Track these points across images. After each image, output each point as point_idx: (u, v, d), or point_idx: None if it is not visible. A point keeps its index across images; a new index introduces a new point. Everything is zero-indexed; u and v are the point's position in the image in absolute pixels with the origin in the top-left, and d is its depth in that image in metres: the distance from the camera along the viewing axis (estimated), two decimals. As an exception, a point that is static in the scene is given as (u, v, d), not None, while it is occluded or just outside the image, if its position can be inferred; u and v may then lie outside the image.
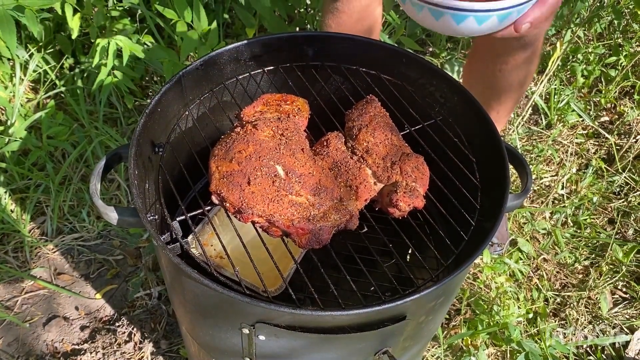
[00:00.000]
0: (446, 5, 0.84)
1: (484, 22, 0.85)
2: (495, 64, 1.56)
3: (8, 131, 1.92)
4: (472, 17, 0.84)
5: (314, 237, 0.92)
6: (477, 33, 0.88)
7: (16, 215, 1.84)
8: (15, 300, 1.70)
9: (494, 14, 0.83)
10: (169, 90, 1.13)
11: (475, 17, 0.84)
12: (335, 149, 1.03)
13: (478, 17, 0.84)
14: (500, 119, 1.70)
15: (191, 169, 1.13)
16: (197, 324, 1.13)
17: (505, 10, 0.83)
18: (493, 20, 0.85)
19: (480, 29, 0.86)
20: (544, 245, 1.91)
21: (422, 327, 1.07)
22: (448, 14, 0.85)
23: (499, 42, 1.50)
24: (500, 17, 0.85)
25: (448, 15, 0.85)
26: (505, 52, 1.52)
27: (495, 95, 1.62)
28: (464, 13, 0.84)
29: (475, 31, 0.87)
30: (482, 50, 1.63)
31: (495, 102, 1.64)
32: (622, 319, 1.76)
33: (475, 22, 0.85)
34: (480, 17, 0.84)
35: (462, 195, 1.04)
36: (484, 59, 1.61)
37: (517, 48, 1.50)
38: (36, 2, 1.66)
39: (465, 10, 0.83)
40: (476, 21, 0.84)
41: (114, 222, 1.01)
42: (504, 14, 0.84)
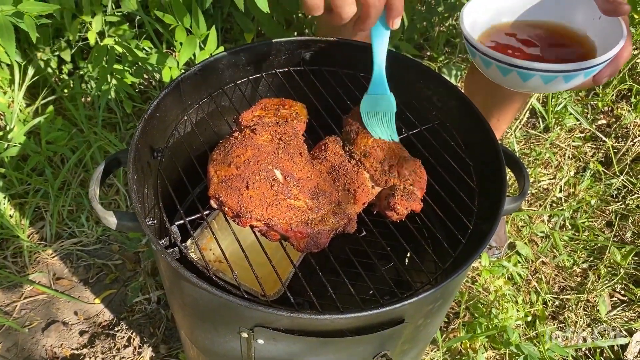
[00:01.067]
0: (513, 63, 0.87)
1: (550, 81, 0.88)
2: None
3: (7, 136, 1.93)
4: (538, 76, 0.87)
5: (312, 240, 0.92)
6: (546, 90, 0.92)
7: (15, 220, 1.84)
8: (14, 305, 1.70)
9: (559, 75, 0.86)
10: (167, 95, 1.14)
11: (541, 77, 0.87)
12: (333, 153, 1.04)
13: (544, 77, 0.87)
14: (500, 127, 1.71)
15: (190, 174, 1.14)
16: (196, 328, 1.13)
17: (572, 72, 0.86)
18: (559, 80, 0.88)
19: (546, 87, 0.90)
20: (542, 248, 1.92)
21: (421, 330, 1.08)
22: (514, 72, 0.88)
23: None
24: (566, 78, 0.87)
25: (514, 72, 0.88)
26: None
27: (496, 104, 1.63)
28: (530, 72, 0.87)
29: (543, 88, 0.90)
30: None
31: (497, 110, 1.65)
32: (620, 321, 1.76)
33: (541, 81, 0.88)
34: (546, 77, 0.87)
35: (460, 199, 1.05)
36: None
37: None
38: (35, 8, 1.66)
39: (531, 70, 0.86)
40: (542, 80, 0.87)
41: (113, 226, 1.01)
42: (569, 75, 0.87)
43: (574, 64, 0.86)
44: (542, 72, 0.86)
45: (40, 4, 1.69)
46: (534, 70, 0.87)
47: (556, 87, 0.91)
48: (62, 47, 2.09)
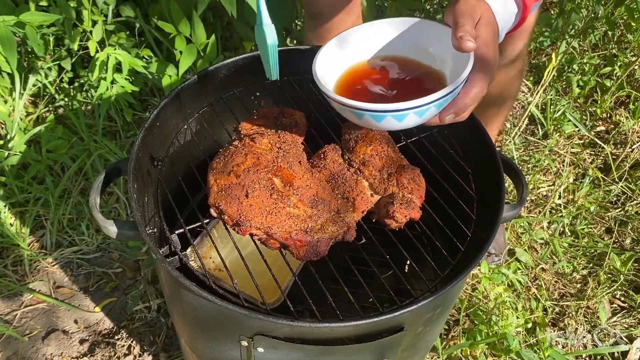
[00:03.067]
0: (363, 108, 0.86)
1: (403, 119, 0.86)
2: None
3: (8, 145, 1.93)
4: (389, 116, 0.86)
5: (312, 249, 0.92)
6: (400, 128, 0.89)
7: (15, 228, 1.84)
8: (14, 314, 1.70)
9: (410, 112, 0.84)
10: (167, 104, 1.14)
11: (393, 116, 0.85)
12: (332, 161, 1.04)
13: (395, 116, 0.85)
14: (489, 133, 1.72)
15: (190, 182, 1.14)
16: (196, 336, 1.13)
17: (422, 107, 0.84)
18: (411, 117, 0.85)
19: (401, 125, 0.88)
20: (542, 255, 1.92)
21: (421, 337, 1.08)
22: (367, 115, 0.87)
23: None
24: (418, 114, 0.85)
25: (367, 115, 0.87)
26: None
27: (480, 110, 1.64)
28: (382, 114, 0.86)
29: (397, 127, 0.88)
30: None
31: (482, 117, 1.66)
32: (620, 328, 1.76)
33: (395, 120, 0.86)
34: (398, 116, 0.85)
35: (458, 206, 1.05)
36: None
37: (501, 67, 1.53)
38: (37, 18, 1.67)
39: (382, 111, 0.85)
40: (395, 119, 0.86)
41: (114, 235, 1.02)
42: (421, 110, 0.85)
43: (420, 100, 0.83)
44: (393, 112, 0.85)
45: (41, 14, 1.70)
46: (384, 111, 0.85)
47: (411, 123, 0.88)
48: (63, 56, 2.10)
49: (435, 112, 0.88)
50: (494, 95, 1.63)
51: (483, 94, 0.88)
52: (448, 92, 0.84)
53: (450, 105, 0.87)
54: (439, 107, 0.86)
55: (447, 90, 0.84)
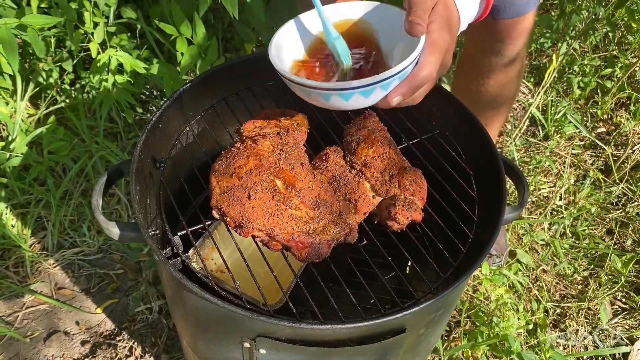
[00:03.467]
0: (312, 85, 0.85)
1: (349, 98, 0.85)
2: (479, 82, 1.60)
3: (9, 147, 1.93)
4: (336, 95, 0.85)
5: (314, 250, 0.92)
6: (348, 108, 0.89)
7: (17, 230, 1.84)
8: (15, 315, 1.70)
9: (355, 91, 0.84)
10: (169, 106, 1.15)
11: (339, 95, 0.85)
12: (334, 163, 1.04)
13: (342, 95, 0.85)
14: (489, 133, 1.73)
15: (192, 184, 1.14)
16: (198, 338, 1.13)
17: (367, 87, 0.83)
18: (357, 97, 0.85)
19: (347, 105, 0.87)
20: (543, 256, 1.92)
21: (422, 339, 1.08)
22: (315, 93, 0.86)
23: (481, 61, 1.54)
24: (364, 94, 0.85)
25: (315, 93, 0.86)
26: (488, 71, 1.56)
27: (480, 111, 1.65)
28: (328, 92, 0.85)
29: (345, 106, 0.88)
30: (466, 69, 1.67)
31: (481, 117, 1.67)
32: (622, 329, 1.76)
33: (341, 99, 0.86)
34: (344, 95, 0.85)
35: (460, 208, 1.06)
36: (468, 78, 1.65)
37: (500, 67, 1.54)
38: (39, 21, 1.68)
39: (328, 89, 0.85)
40: (342, 98, 0.86)
41: (116, 237, 1.02)
42: (366, 90, 0.84)
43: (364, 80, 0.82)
44: (339, 91, 0.85)
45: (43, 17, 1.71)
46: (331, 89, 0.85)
47: (358, 103, 0.87)
48: (64, 58, 2.10)
49: (382, 94, 0.87)
50: (493, 96, 1.63)
51: (432, 78, 0.86)
52: (393, 74, 0.83)
53: (397, 87, 0.86)
54: (386, 88, 0.85)
55: (392, 71, 0.82)
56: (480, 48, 1.55)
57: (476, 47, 1.56)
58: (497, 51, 1.51)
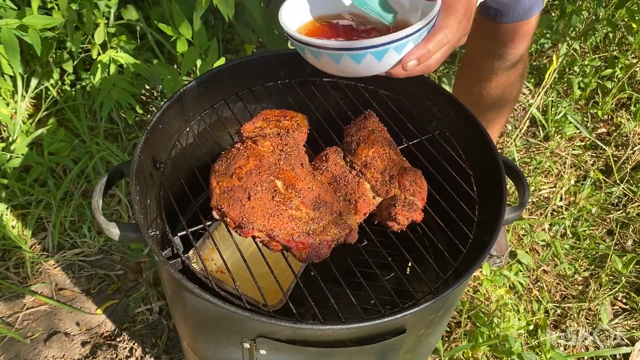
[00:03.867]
0: (321, 45, 0.83)
1: (361, 59, 0.82)
2: (481, 85, 1.60)
3: (10, 148, 1.94)
4: (347, 56, 0.82)
5: (314, 251, 0.92)
6: (360, 73, 0.86)
7: (17, 231, 1.85)
8: (16, 316, 1.70)
9: (367, 51, 0.81)
10: (169, 107, 1.15)
11: (350, 56, 0.82)
12: (334, 163, 1.04)
13: (353, 55, 0.82)
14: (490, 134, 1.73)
15: (192, 185, 1.14)
16: (198, 338, 1.13)
17: (381, 46, 0.80)
18: (369, 58, 0.82)
19: (359, 68, 0.84)
20: (543, 256, 1.92)
21: (422, 340, 1.08)
22: (325, 54, 0.83)
23: (484, 64, 1.54)
24: (376, 55, 0.81)
25: (325, 54, 0.84)
26: (490, 74, 1.56)
27: (482, 112, 1.65)
28: (339, 52, 0.82)
29: (356, 70, 0.85)
30: (468, 71, 1.67)
31: (482, 119, 1.67)
32: (622, 330, 1.76)
33: (353, 61, 0.83)
34: (355, 55, 0.82)
35: (460, 209, 1.06)
36: (470, 79, 1.65)
37: (502, 70, 1.54)
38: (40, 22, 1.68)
39: (339, 49, 0.82)
40: (353, 59, 0.82)
41: (116, 237, 1.02)
42: (379, 50, 0.81)
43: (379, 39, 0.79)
44: (350, 51, 0.81)
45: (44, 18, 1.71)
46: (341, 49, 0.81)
47: (369, 65, 0.83)
48: (65, 59, 2.11)
49: (396, 57, 0.83)
50: (495, 98, 1.63)
51: (449, 42, 0.84)
52: (407, 34, 0.80)
53: (413, 51, 0.83)
54: (399, 50, 0.82)
55: (406, 32, 0.79)
56: (482, 51, 1.55)
57: (479, 50, 1.56)
58: (500, 55, 1.51)
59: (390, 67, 0.85)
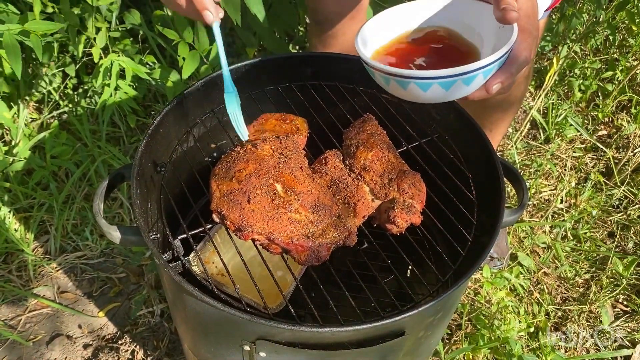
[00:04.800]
0: (391, 72, 0.85)
1: (450, 87, 0.85)
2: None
3: (12, 151, 1.95)
4: (413, 83, 0.84)
5: (313, 253, 0.93)
6: (426, 100, 0.88)
7: (20, 234, 1.86)
8: (18, 319, 1.71)
9: (458, 79, 0.83)
10: (170, 111, 1.15)
11: (417, 84, 0.84)
12: (333, 166, 1.05)
13: (420, 84, 0.84)
14: (494, 137, 1.73)
15: (192, 188, 1.15)
16: (198, 341, 1.14)
17: (470, 73, 0.83)
18: (459, 84, 0.84)
19: (447, 94, 0.87)
20: (544, 259, 1.92)
21: (422, 342, 1.08)
22: (393, 80, 0.86)
23: None
24: (465, 81, 0.84)
25: (394, 81, 0.86)
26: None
27: (486, 115, 1.65)
28: (428, 81, 0.84)
29: (423, 97, 0.87)
30: None
31: (487, 122, 1.67)
32: (623, 332, 1.76)
33: (419, 89, 0.85)
34: (423, 84, 0.84)
35: (459, 211, 1.06)
36: None
37: None
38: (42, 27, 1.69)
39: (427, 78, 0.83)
40: (419, 87, 0.85)
41: (117, 241, 1.02)
42: (469, 77, 0.83)
43: (445, 70, 0.82)
44: (418, 80, 0.84)
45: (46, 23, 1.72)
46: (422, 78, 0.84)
47: (440, 94, 0.86)
48: (67, 63, 2.12)
49: (482, 81, 0.87)
50: (500, 101, 1.63)
51: (528, 63, 0.88)
52: (496, 59, 0.83)
53: (497, 74, 0.87)
54: (486, 75, 0.86)
55: (495, 57, 0.83)
56: None
57: None
58: None
59: (475, 90, 0.89)
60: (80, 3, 1.92)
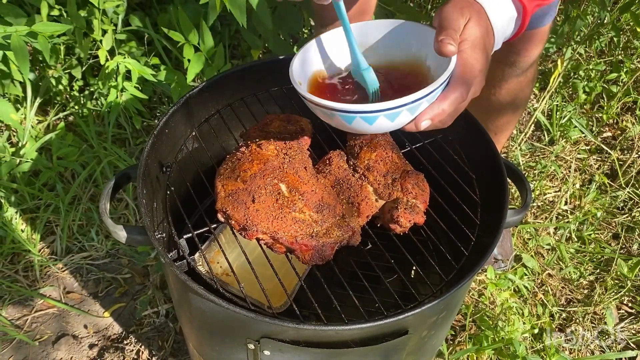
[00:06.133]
0: (336, 108, 0.81)
1: (373, 122, 0.81)
2: (490, 91, 1.59)
3: (19, 152, 1.96)
4: (359, 118, 0.81)
5: (317, 253, 0.94)
6: (371, 131, 0.85)
7: (26, 234, 1.87)
8: (25, 319, 1.73)
9: (380, 114, 0.79)
10: (176, 111, 1.16)
11: (362, 118, 0.81)
12: (337, 167, 1.06)
13: (365, 118, 0.81)
14: (498, 140, 1.73)
15: (197, 188, 1.16)
16: (203, 340, 1.14)
17: (394, 109, 0.79)
18: (382, 120, 0.81)
19: (371, 128, 0.83)
20: (548, 260, 1.92)
21: (425, 342, 1.09)
22: (337, 115, 0.83)
23: (494, 71, 1.53)
24: (389, 117, 0.80)
25: (337, 116, 0.83)
26: (500, 80, 1.56)
27: (490, 118, 1.65)
28: (351, 114, 0.81)
29: (367, 129, 0.84)
30: None
31: (492, 124, 1.67)
32: (628, 334, 1.76)
33: (365, 123, 0.82)
34: (368, 118, 0.81)
35: (463, 211, 1.06)
36: None
37: (511, 75, 1.53)
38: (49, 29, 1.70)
39: (351, 112, 0.81)
40: (365, 121, 0.82)
41: (123, 240, 1.03)
42: (393, 113, 0.79)
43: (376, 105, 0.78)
44: (342, 113, 0.81)
45: (53, 25, 1.73)
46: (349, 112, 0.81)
47: (381, 126, 0.83)
48: (73, 65, 2.14)
49: (410, 117, 0.82)
50: (505, 104, 1.63)
51: (463, 101, 0.82)
52: (421, 96, 0.78)
53: (426, 111, 0.81)
54: (413, 111, 0.81)
55: (420, 94, 0.78)
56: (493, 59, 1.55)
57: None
58: (512, 62, 1.50)
59: (403, 126, 0.84)
60: (87, 5, 1.94)
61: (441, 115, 0.82)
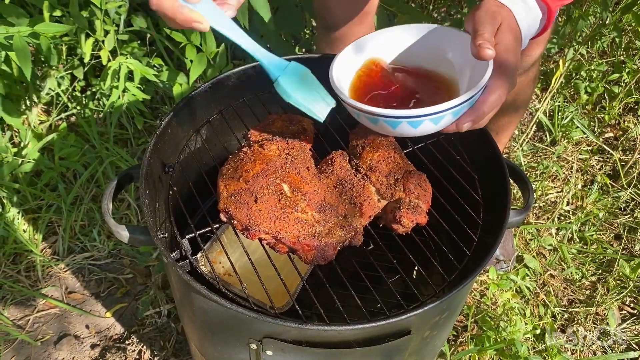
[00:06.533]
0: (381, 114, 0.87)
1: (418, 125, 0.87)
2: None
3: (21, 153, 1.97)
4: (405, 122, 0.87)
5: (320, 253, 0.94)
6: (415, 135, 0.91)
7: (28, 235, 1.87)
8: (27, 319, 1.73)
9: (425, 119, 0.85)
10: (178, 112, 1.17)
11: (408, 123, 0.87)
12: (339, 167, 1.06)
13: (411, 122, 0.87)
14: (500, 140, 1.73)
15: (200, 188, 1.16)
16: (206, 340, 1.14)
17: (438, 114, 0.84)
18: (426, 123, 0.87)
19: (416, 132, 0.89)
20: (550, 261, 1.92)
21: (427, 342, 1.09)
22: (382, 121, 0.88)
23: None
24: (434, 121, 0.86)
25: (382, 121, 0.88)
26: None
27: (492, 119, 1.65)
28: (397, 120, 0.87)
29: (412, 133, 0.90)
30: None
31: (493, 124, 1.67)
32: (630, 334, 1.76)
33: (410, 127, 0.87)
34: (413, 122, 0.87)
35: (465, 212, 1.06)
36: None
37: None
38: (51, 29, 1.71)
39: (397, 117, 0.87)
40: (410, 126, 0.87)
41: (126, 240, 1.03)
42: (437, 117, 0.85)
43: (417, 110, 0.84)
44: (387, 118, 0.87)
45: (55, 25, 1.74)
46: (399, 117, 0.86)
47: (425, 129, 0.89)
48: (75, 65, 2.14)
49: (452, 120, 0.88)
50: (508, 103, 1.63)
51: (502, 102, 0.87)
52: (465, 100, 0.84)
53: (468, 113, 0.87)
54: (456, 114, 0.87)
55: (464, 97, 0.84)
56: None
57: None
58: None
59: (445, 127, 0.90)
60: (89, 6, 1.94)
61: (482, 116, 0.88)
